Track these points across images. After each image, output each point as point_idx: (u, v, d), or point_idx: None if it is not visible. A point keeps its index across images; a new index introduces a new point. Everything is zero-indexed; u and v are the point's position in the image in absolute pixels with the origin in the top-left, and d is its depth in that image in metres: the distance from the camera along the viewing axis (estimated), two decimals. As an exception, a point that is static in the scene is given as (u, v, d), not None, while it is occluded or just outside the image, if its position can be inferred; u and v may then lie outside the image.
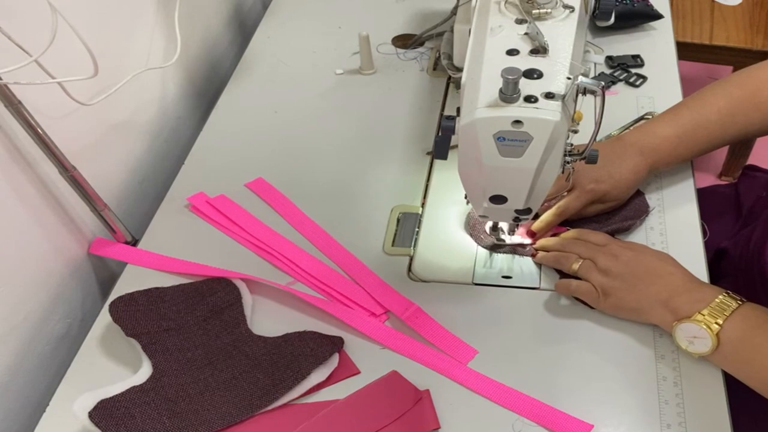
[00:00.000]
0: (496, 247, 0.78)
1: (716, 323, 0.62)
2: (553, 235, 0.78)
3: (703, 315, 0.63)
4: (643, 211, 0.79)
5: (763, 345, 0.61)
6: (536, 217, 0.77)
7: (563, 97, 0.58)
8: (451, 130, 0.62)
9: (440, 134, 0.63)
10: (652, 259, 0.69)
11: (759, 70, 0.78)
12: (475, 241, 0.80)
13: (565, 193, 0.77)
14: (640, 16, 1.06)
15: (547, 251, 0.76)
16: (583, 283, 0.71)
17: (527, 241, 0.78)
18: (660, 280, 0.67)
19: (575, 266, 0.72)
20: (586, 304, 0.72)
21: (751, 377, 0.62)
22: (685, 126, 0.78)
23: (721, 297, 0.64)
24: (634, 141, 0.78)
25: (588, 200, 0.77)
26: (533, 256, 0.77)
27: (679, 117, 0.79)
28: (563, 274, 0.74)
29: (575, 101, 0.64)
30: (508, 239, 0.78)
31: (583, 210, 0.78)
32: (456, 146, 0.63)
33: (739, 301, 0.63)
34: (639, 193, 0.81)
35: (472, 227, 0.81)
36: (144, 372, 0.68)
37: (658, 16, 1.07)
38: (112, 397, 0.64)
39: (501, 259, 0.78)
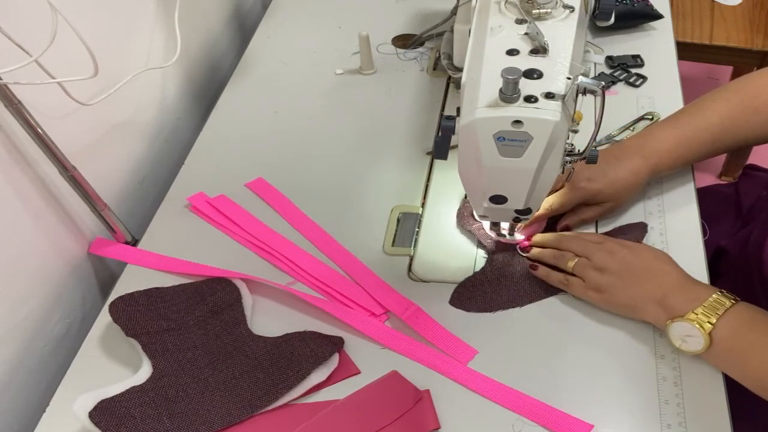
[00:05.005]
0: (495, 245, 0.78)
1: (709, 322, 0.62)
2: (529, 238, 0.78)
3: (696, 314, 0.63)
4: (641, 235, 0.78)
5: (756, 344, 0.61)
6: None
7: (563, 97, 0.58)
8: (451, 130, 0.62)
9: (440, 134, 0.63)
10: (649, 257, 0.69)
11: (756, 77, 0.79)
12: (464, 226, 0.80)
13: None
14: (640, 16, 1.06)
15: (544, 247, 0.76)
16: (575, 278, 0.71)
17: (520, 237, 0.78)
18: (655, 278, 0.67)
19: (570, 263, 0.71)
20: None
21: (745, 376, 0.62)
22: (686, 130, 0.78)
23: (715, 296, 0.64)
24: (634, 145, 0.78)
25: (579, 198, 0.77)
26: (526, 250, 0.76)
27: (680, 122, 0.79)
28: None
29: (575, 101, 0.64)
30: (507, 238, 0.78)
31: (579, 212, 0.78)
32: (456, 146, 0.63)
33: (733, 300, 0.63)
34: (642, 225, 0.79)
35: (462, 220, 0.81)
36: (144, 372, 0.67)
37: (658, 16, 1.07)
38: (112, 397, 0.64)
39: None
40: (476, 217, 0.78)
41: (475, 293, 0.74)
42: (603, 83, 0.59)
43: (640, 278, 0.68)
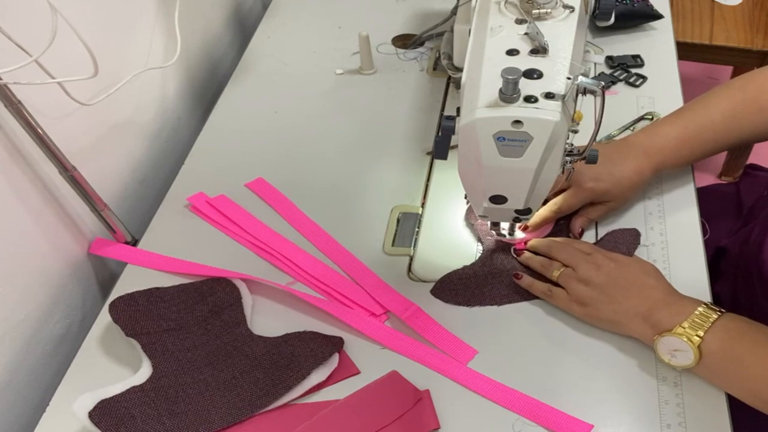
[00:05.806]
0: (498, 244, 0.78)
1: (697, 335, 0.62)
2: (525, 243, 0.77)
3: (684, 328, 0.62)
4: (633, 243, 0.77)
5: (746, 354, 0.61)
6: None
7: (563, 97, 0.58)
8: (451, 130, 0.62)
9: (440, 134, 0.63)
10: (636, 271, 0.69)
11: (760, 74, 0.78)
12: (469, 220, 0.80)
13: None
14: (640, 16, 1.06)
15: (536, 252, 0.75)
16: (558, 289, 0.71)
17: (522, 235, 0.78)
18: (640, 293, 0.67)
19: (555, 273, 0.71)
20: None
21: (737, 388, 0.62)
22: (689, 127, 0.78)
23: (700, 309, 0.63)
24: (638, 142, 0.78)
25: (586, 198, 0.77)
26: (519, 253, 0.77)
27: (683, 119, 0.79)
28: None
29: (575, 101, 0.64)
30: (507, 237, 0.78)
31: (586, 212, 0.78)
32: (456, 146, 0.63)
33: (719, 312, 0.63)
34: (635, 232, 0.78)
35: (471, 215, 0.81)
36: (144, 372, 0.68)
37: (658, 16, 1.07)
38: (112, 397, 0.64)
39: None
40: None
41: (458, 286, 0.74)
42: (603, 83, 0.59)
43: (625, 293, 0.67)
